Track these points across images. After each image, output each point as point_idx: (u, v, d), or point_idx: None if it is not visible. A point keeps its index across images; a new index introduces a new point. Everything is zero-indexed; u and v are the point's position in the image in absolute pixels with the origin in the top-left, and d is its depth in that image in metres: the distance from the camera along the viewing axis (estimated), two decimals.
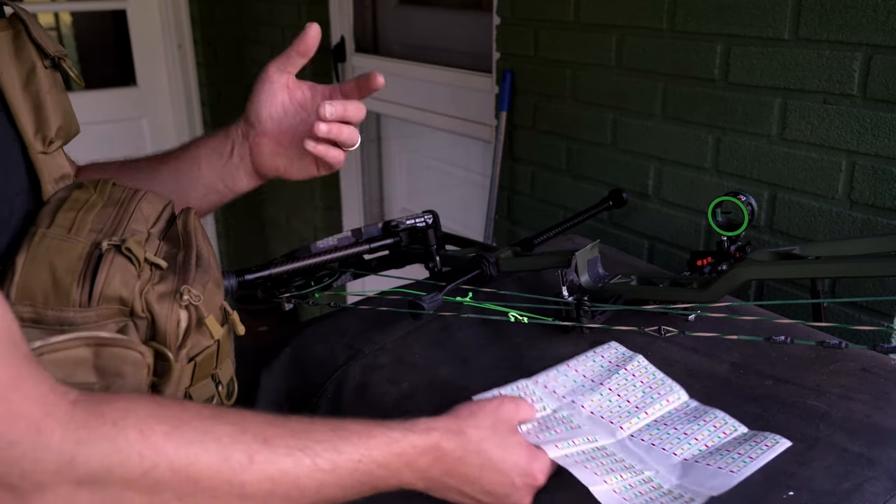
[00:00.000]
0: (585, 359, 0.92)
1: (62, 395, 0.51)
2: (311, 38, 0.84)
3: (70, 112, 0.72)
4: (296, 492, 0.58)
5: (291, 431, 0.60)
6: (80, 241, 0.63)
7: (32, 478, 0.48)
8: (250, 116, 0.87)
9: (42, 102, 0.67)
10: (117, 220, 0.68)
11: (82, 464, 0.49)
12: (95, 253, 0.62)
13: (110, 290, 0.61)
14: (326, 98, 0.87)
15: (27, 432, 0.48)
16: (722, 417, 0.81)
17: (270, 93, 0.86)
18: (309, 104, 0.87)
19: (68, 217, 0.65)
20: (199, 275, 0.67)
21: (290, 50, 0.85)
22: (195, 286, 0.65)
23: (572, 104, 1.64)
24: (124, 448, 0.51)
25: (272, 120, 0.86)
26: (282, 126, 0.87)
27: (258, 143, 0.87)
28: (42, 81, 0.67)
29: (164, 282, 0.64)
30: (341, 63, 2.68)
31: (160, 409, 0.55)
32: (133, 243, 0.63)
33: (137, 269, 0.63)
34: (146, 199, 0.73)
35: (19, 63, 0.66)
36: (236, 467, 0.55)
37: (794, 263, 0.93)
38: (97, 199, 0.69)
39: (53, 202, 0.67)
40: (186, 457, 0.53)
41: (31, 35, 0.67)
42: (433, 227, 1.12)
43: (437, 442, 0.67)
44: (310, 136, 0.82)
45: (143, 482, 0.51)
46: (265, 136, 0.87)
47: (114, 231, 0.66)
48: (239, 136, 0.88)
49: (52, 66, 0.70)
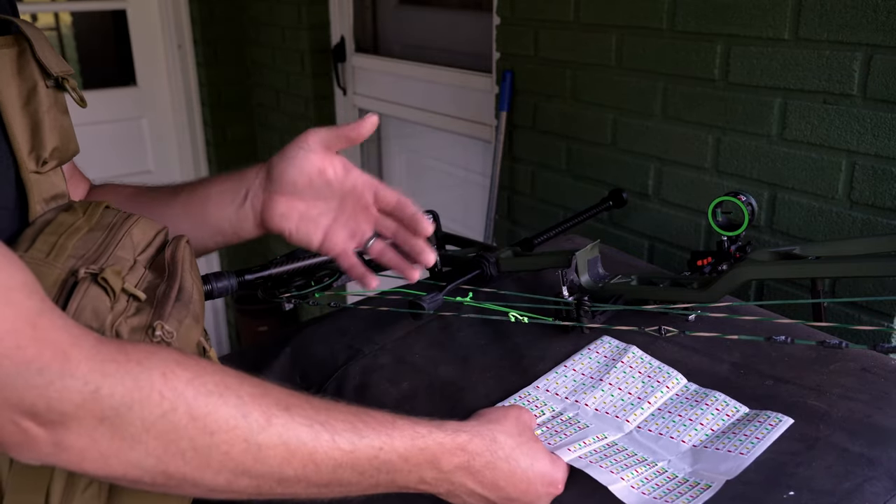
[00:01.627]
0: (581, 357, 0.93)
1: (87, 331, 0.52)
2: (366, 128, 0.81)
3: (69, 132, 0.72)
4: (311, 466, 0.58)
5: (314, 406, 0.59)
6: (57, 268, 0.62)
7: (58, 407, 0.49)
8: (273, 173, 0.83)
9: (40, 122, 0.67)
10: (103, 245, 0.66)
11: (106, 396, 0.50)
12: (70, 281, 0.61)
13: (80, 320, 0.59)
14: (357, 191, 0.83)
15: (55, 359, 0.48)
16: (723, 399, 0.83)
17: (303, 161, 0.82)
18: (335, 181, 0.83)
19: (49, 241, 0.64)
20: (176, 309, 0.65)
21: (340, 130, 0.82)
22: (170, 321, 0.63)
23: (572, 104, 1.64)
24: (146, 386, 0.51)
25: (295, 187, 0.82)
26: (299, 195, 0.83)
27: (274, 200, 0.83)
28: (42, 101, 0.67)
29: (139, 315, 0.63)
30: (341, 63, 2.68)
31: (185, 358, 0.55)
32: (110, 273, 0.62)
33: (112, 300, 0.61)
34: (137, 225, 0.71)
35: (21, 81, 0.66)
36: (254, 426, 0.55)
37: (794, 263, 0.93)
38: (83, 224, 0.68)
39: (38, 224, 0.66)
40: (206, 405, 0.53)
41: (35, 54, 0.67)
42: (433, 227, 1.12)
43: (465, 444, 0.67)
44: None
45: (161, 425, 0.52)
46: (283, 196, 0.83)
47: (97, 257, 0.64)
48: (256, 185, 0.84)
49: (56, 86, 0.69)
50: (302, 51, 2.71)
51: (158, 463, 0.53)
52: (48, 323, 0.50)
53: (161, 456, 0.52)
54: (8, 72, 0.65)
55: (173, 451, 0.53)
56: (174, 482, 0.54)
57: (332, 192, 0.83)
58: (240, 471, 0.55)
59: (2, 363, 0.47)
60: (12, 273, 0.50)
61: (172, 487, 0.55)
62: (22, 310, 0.49)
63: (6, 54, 0.65)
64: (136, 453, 0.52)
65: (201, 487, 0.56)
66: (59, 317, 0.51)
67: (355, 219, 0.84)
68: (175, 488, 0.55)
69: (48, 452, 0.50)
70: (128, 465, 0.52)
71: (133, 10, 3.15)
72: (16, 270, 0.50)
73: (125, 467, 0.52)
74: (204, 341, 0.70)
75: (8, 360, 0.47)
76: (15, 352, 0.47)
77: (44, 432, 0.49)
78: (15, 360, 0.47)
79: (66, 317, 0.52)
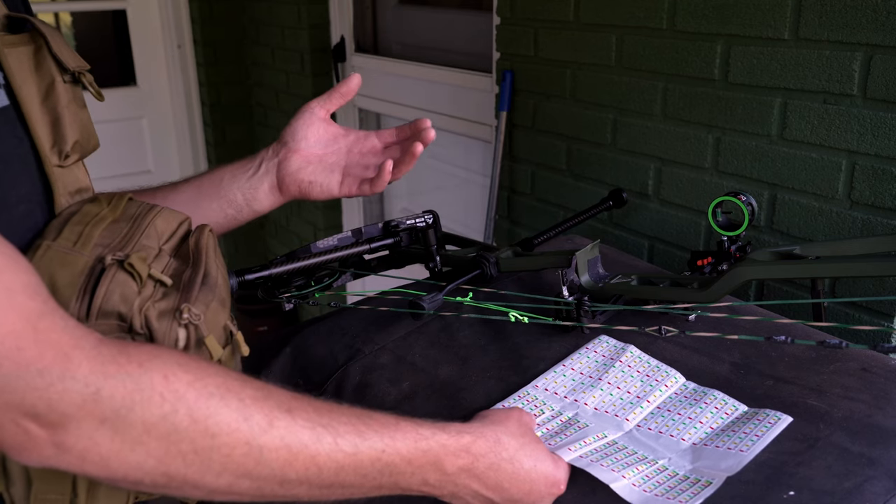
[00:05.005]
0: (579, 356, 0.93)
1: (89, 332, 0.52)
2: (353, 82, 0.96)
3: (88, 126, 0.72)
4: (314, 468, 0.58)
5: (316, 408, 0.59)
6: (84, 256, 0.63)
7: (59, 408, 0.49)
8: (285, 136, 0.96)
9: (60, 116, 0.67)
10: (128, 235, 0.68)
11: (107, 398, 0.50)
12: (98, 267, 0.62)
13: (109, 305, 0.60)
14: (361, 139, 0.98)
15: (56, 361, 0.49)
16: (721, 398, 0.83)
17: (309, 120, 0.95)
18: (341, 140, 0.97)
19: (75, 230, 0.65)
20: (202, 293, 0.66)
21: (332, 90, 0.96)
22: (197, 305, 0.64)
23: (572, 104, 1.64)
24: (147, 388, 0.51)
25: (306, 140, 0.95)
26: (314, 148, 0.96)
27: (287, 156, 0.94)
28: (61, 96, 0.68)
29: (166, 299, 0.64)
30: (341, 63, 2.68)
31: (187, 360, 0.55)
32: (136, 259, 0.63)
33: (139, 285, 0.62)
34: (161, 215, 0.72)
35: (39, 77, 0.67)
36: (255, 429, 0.55)
37: (794, 263, 0.93)
38: (108, 214, 0.69)
39: (64, 215, 0.67)
40: (207, 408, 0.53)
41: (51, 50, 0.67)
42: (433, 227, 1.12)
43: (469, 445, 0.67)
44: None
45: (162, 427, 0.52)
46: (297, 152, 0.95)
47: (122, 246, 0.66)
48: (269, 153, 0.95)
49: (73, 81, 0.70)
50: (302, 50, 2.71)
51: (159, 465, 0.53)
52: (50, 324, 0.50)
53: (162, 458, 0.52)
54: (26, 69, 0.65)
55: (174, 453, 0.53)
56: (175, 484, 0.54)
57: (340, 144, 0.97)
58: (241, 473, 0.55)
59: (3, 364, 0.47)
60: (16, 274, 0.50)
61: (173, 489, 0.55)
62: (24, 312, 0.49)
63: (23, 51, 0.66)
64: (136, 455, 0.52)
65: (202, 489, 0.56)
66: (61, 318, 0.51)
67: (365, 160, 0.97)
68: (176, 490, 0.55)
69: (49, 454, 0.50)
70: (128, 466, 0.52)
71: (133, 10, 3.15)
72: (19, 272, 0.51)
73: (126, 469, 0.52)
74: (231, 325, 0.71)
75: (9, 361, 0.47)
76: (16, 353, 0.48)
77: (45, 434, 0.49)
78: (16, 361, 0.48)
79: (68, 318, 0.52)
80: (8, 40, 0.64)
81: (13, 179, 0.63)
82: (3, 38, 0.64)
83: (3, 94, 0.63)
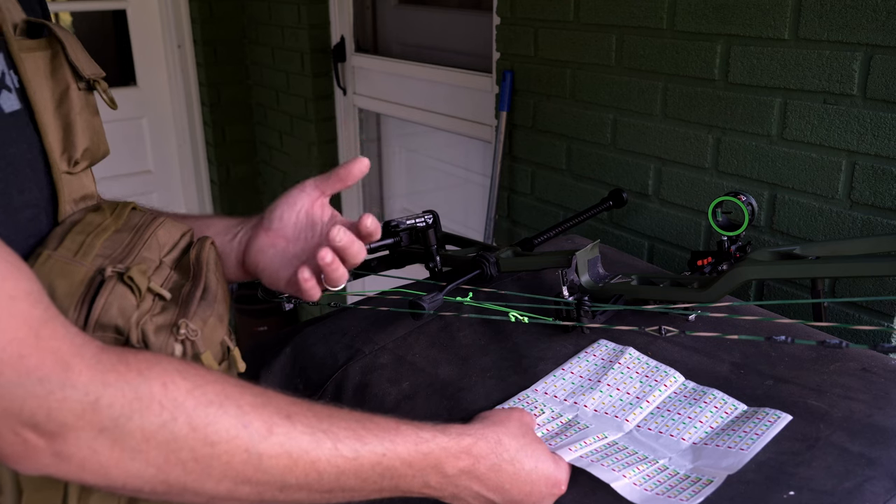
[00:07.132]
0: (578, 360, 0.94)
1: (90, 340, 0.52)
2: (355, 169, 0.82)
3: (100, 133, 0.72)
4: (314, 474, 0.58)
5: (315, 413, 0.59)
6: (85, 266, 0.62)
7: (58, 417, 0.49)
8: (267, 210, 0.85)
9: (72, 123, 0.67)
10: (130, 245, 0.67)
11: (106, 407, 0.50)
12: (97, 279, 0.62)
13: (106, 317, 0.60)
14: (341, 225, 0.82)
15: (55, 369, 0.49)
16: (721, 397, 0.84)
17: (294, 199, 0.83)
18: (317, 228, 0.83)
19: (77, 240, 0.64)
20: (201, 309, 0.66)
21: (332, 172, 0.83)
22: (194, 320, 0.64)
23: (572, 104, 1.64)
24: (146, 396, 0.51)
25: (280, 220, 0.83)
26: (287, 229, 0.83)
27: (257, 234, 0.84)
28: (74, 102, 0.68)
29: (164, 313, 0.64)
30: (341, 63, 2.68)
31: (186, 368, 0.55)
32: (136, 272, 0.63)
33: (138, 298, 0.62)
34: (163, 226, 0.72)
35: (54, 83, 0.67)
36: (255, 436, 0.55)
37: (794, 263, 0.93)
38: (111, 223, 0.69)
39: (66, 224, 0.67)
40: (206, 416, 0.53)
41: (67, 56, 0.67)
42: (433, 227, 1.12)
43: (470, 447, 0.67)
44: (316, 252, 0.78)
45: (162, 435, 0.52)
46: (267, 231, 0.83)
47: (123, 257, 0.65)
48: (250, 225, 0.86)
49: (87, 88, 0.70)
50: (302, 50, 2.71)
51: (159, 473, 0.53)
52: (51, 332, 0.50)
53: (161, 466, 0.52)
54: (41, 74, 0.65)
55: (174, 461, 0.53)
56: (175, 491, 0.54)
57: (314, 235, 0.82)
58: (241, 480, 0.55)
59: (4, 372, 0.47)
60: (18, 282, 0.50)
61: (174, 497, 0.55)
62: (26, 319, 0.49)
63: (40, 57, 0.66)
64: (136, 463, 0.52)
65: (203, 496, 0.56)
66: (62, 325, 0.51)
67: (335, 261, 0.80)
68: (176, 497, 0.55)
69: (48, 463, 0.50)
70: (128, 475, 0.52)
71: (133, 10, 3.15)
72: (21, 279, 0.50)
73: (125, 477, 0.52)
74: (228, 340, 0.70)
75: (10, 368, 0.47)
76: (17, 361, 0.47)
77: (44, 442, 0.49)
78: (17, 369, 0.48)
79: (69, 325, 0.52)
80: (25, 45, 0.64)
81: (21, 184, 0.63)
82: (21, 42, 0.63)
83: (17, 98, 0.62)
